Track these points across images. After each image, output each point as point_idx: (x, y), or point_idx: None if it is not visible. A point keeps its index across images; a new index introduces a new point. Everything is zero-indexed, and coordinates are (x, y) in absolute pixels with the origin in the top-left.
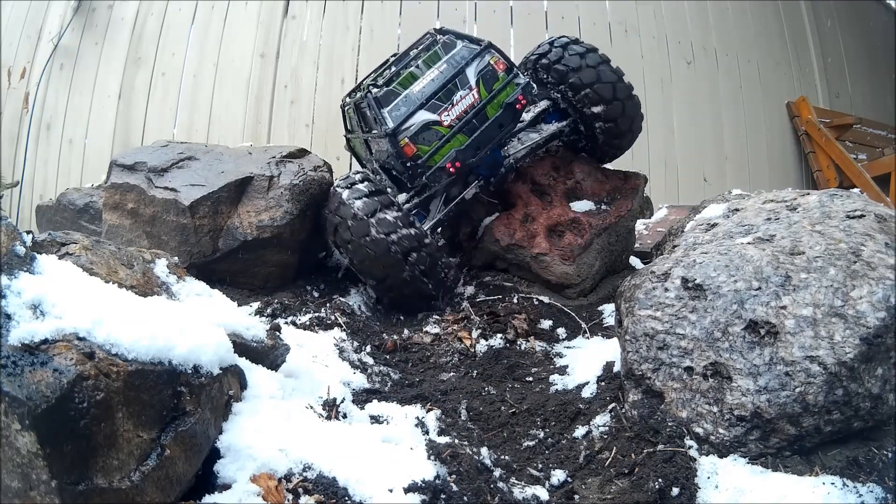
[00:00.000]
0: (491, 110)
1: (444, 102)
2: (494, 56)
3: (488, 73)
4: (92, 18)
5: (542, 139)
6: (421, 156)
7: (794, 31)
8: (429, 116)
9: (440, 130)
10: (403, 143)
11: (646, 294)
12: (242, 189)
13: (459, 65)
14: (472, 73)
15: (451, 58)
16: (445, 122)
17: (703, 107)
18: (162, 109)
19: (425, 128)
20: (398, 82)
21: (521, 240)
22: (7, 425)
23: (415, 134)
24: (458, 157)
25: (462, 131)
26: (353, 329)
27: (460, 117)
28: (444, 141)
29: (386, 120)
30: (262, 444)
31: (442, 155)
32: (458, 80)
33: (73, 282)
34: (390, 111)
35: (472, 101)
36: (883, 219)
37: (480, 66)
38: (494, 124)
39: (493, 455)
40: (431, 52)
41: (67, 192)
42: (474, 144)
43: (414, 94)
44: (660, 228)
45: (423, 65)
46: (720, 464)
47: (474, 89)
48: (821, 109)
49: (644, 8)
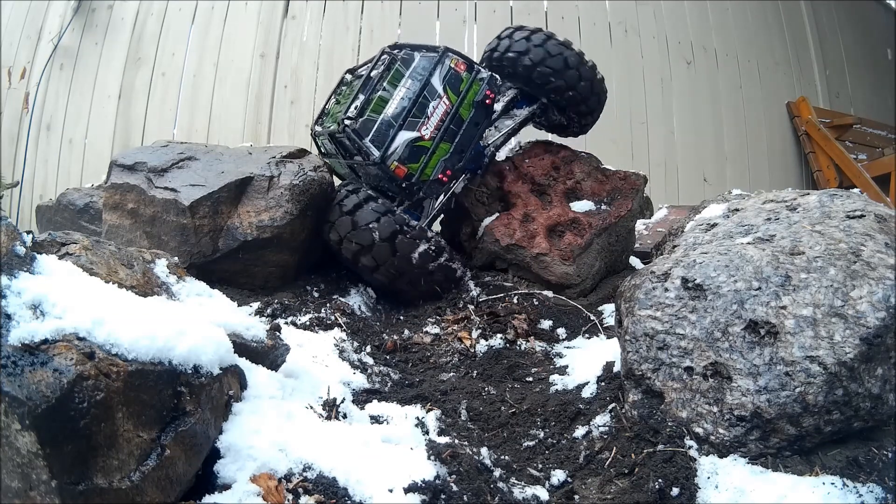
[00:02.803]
0: (464, 112)
1: (419, 117)
2: (454, 59)
3: (452, 77)
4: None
5: (516, 124)
6: (413, 174)
7: (794, 31)
8: (410, 135)
9: (424, 145)
10: (394, 167)
11: (646, 294)
12: (242, 189)
13: (423, 76)
14: (437, 82)
15: (413, 72)
16: (426, 135)
17: (703, 107)
18: (162, 109)
19: (409, 146)
20: (371, 109)
21: (520, 240)
22: (7, 425)
23: (402, 155)
24: (446, 165)
25: (443, 140)
26: (353, 329)
27: (438, 127)
28: (430, 154)
29: (370, 150)
30: (262, 444)
31: (432, 167)
32: (426, 91)
33: (74, 282)
34: (372, 140)
35: (444, 108)
36: (883, 219)
37: (443, 72)
38: (471, 124)
39: (493, 455)
40: (393, 71)
41: (67, 192)
42: (458, 149)
43: (389, 117)
44: (660, 228)
45: (388, 86)
46: (720, 464)
47: (443, 96)
48: (821, 109)
49: (644, 8)
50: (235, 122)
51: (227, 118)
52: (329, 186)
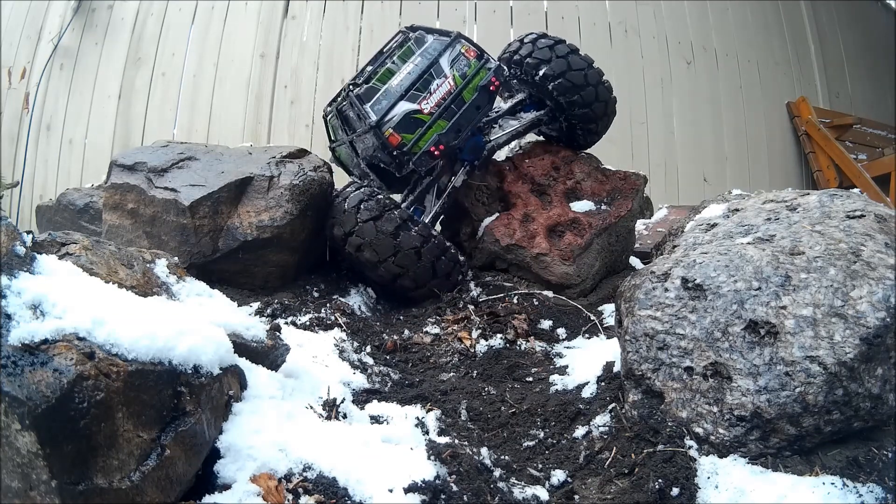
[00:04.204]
0: (467, 94)
1: (422, 92)
2: (465, 45)
3: (461, 62)
4: (92, 19)
5: (521, 126)
6: (406, 143)
7: (794, 31)
8: (409, 106)
9: (421, 118)
10: (388, 134)
11: (646, 294)
12: (242, 189)
13: (433, 56)
14: (445, 63)
15: (424, 51)
16: (425, 109)
17: (703, 107)
18: (162, 109)
19: (407, 117)
20: (377, 79)
21: (521, 240)
22: (7, 425)
23: (398, 124)
24: (440, 140)
25: (442, 117)
26: (353, 329)
27: (439, 104)
28: (426, 128)
29: (369, 114)
30: (262, 444)
31: (425, 140)
32: (433, 70)
33: (74, 282)
34: (372, 106)
35: (448, 88)
36: (883, 219)
37: (452, 55)
38: (472, 107)
39: (493, 455)
40: (405, 48)
41: (67, 192)
42: (455, 127)
43: (393, 88)
44: (660, 228)
45: (398, 60)
46: (720, 464)
47: (449, 77)
48: (821, 109)
49: (644, 8)
50: (235, 122)
51: (227, 118)
52: (329, 186)
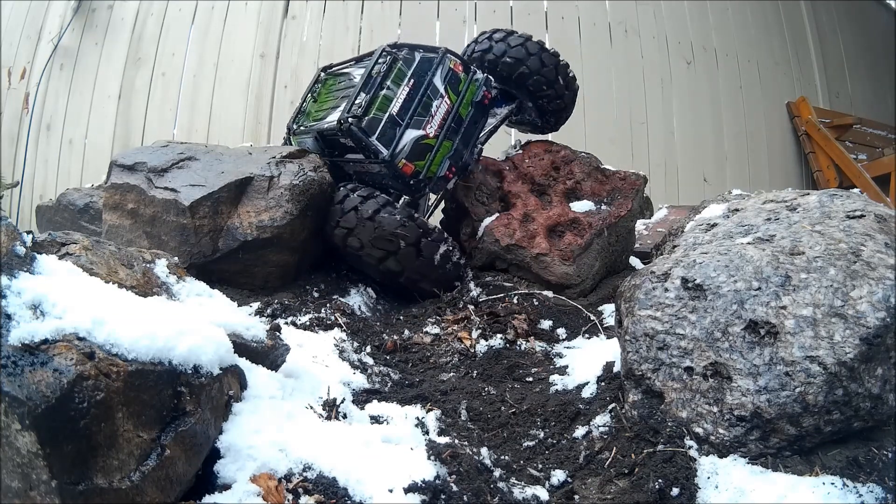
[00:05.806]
0: (463, 111)
1: (424, 116)
2: (452, 60)
3: (452, 78)
4: (92, 19)
5: (498, 122)
6: (420, 171)
7: (794, 31)
8: (416, 133)
9: (429, 143)
10: (402, 165)
11: (646, 294)
12: (242, 189)
13: (427, 76)
14: (439, 81)
15: (415, 71)
16: (430, 133)
17: (703, 107)
18: (162, 109)
19: (416, 144)
20: (376, 108)
21: (520, 240)
22: (7, 425)
23: (409, 153)
24: (451, 162)
25: (446, 138)
26: (353, 329)
27: (441, 125)
28: (434, 151)
29: (378, 148)
30: (262, 444)
31: (437, 164)
32: (429, 91)
33: (74, 282)
34: (378, 138)
35: (446, 107)
36: (883, 219)
37: (444, 72)
38: (471, 123)
39: (493, 455)
40: (396, 70)
41: (67, 192)
42: (460, 146)
43: (395, 116)
44: (660, 228)
45: (392, 85)
46: (720, 464)
47: (445, 96)
48: (821, 109)
49: (644, 8)
50: (235, 122)
51: (227, 118)
52: (329, 186)
